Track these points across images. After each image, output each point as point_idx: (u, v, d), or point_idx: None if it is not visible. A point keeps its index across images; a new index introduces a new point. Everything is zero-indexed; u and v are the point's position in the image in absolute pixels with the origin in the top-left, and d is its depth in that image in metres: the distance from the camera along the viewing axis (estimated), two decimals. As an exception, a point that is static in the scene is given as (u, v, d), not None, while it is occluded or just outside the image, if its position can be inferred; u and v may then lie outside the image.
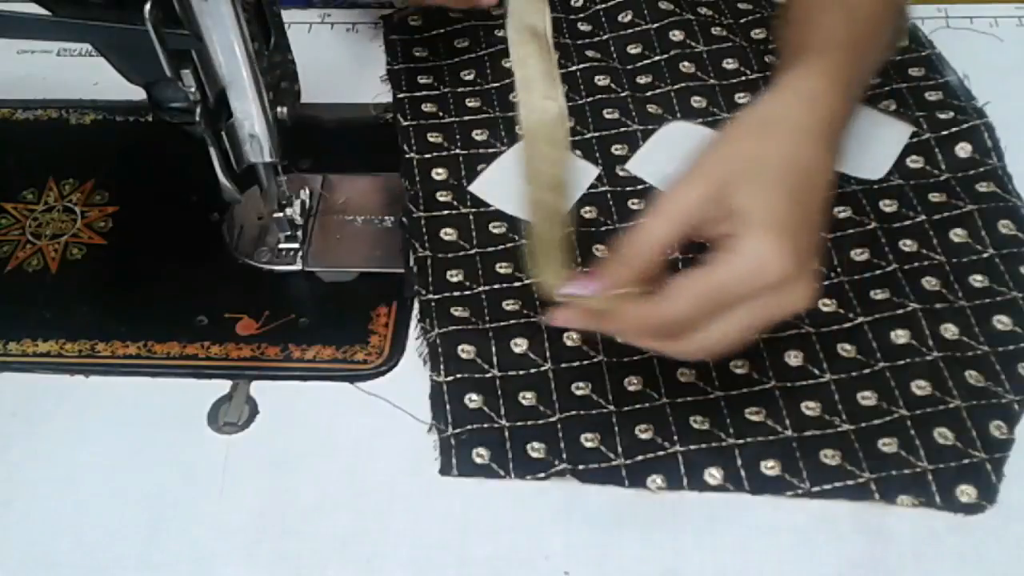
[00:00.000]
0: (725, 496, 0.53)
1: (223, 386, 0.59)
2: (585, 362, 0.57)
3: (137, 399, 0.58)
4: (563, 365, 0.57)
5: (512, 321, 0.59)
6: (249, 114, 0.56)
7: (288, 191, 0.63)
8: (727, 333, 0.46)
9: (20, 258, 0.65)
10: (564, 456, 0.54)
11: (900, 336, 0.57)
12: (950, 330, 0.57)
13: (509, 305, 0.60)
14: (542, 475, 0.54)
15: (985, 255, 0.60)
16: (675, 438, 0.54)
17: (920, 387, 0.55)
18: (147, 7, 0.48)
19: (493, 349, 0.58)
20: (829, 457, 0.53)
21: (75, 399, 0.58)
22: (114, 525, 0.54)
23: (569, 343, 0.58)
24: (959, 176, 0.64)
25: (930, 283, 0.59)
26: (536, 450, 0.54)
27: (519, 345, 0.58)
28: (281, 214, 0.63)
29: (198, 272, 0.64)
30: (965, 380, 0.55)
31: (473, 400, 0.56)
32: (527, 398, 0.56)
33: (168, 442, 0.56)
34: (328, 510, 0.54)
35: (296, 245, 0.64)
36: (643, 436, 0.54)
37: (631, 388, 0.56)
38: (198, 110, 0.53)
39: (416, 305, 0.61)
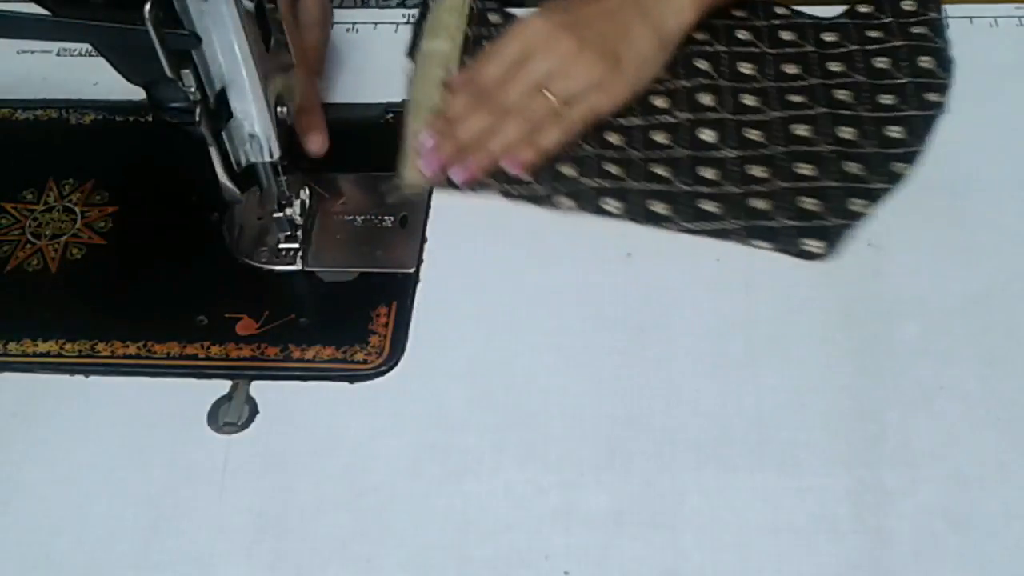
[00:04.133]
0: (725, 496, 0.53)
1: (223, 386, 0.59)
2: None
3: (137, 399, 0.58)
4: None
5: None
6: (249, 114, 0.56)
7: (288, 191, 0.63)
8: (532, 93, 0.65)
9: (20, 258, 0.65)
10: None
11: (801, 129, 0.67)
12: (847, 131, 0.67)
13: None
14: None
15: (901, 81, 0.69)
16: (597, 179, 0.65)
17: (803, 168, 0.65)
18: (147, 7, 0.48)
19: None
20: (709, 207, 0.64)
21: (75, 399, 0.58)
22: (114, 525, 0.54)
23: None
24: (900, 21, 0.73)
25: (842, 94, 0.69)
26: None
27: None
28: (281, 214, 0.63)
29: (198, 272, 0.64)
30: (844, 169, 0.65)
31: None
32: None
33: (168, 442, 0.56)
34: (328, 510, 0.54)
35: (296, 245, 0.64)
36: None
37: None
38: (198, 110, 0.53)
39: (416, 305, 0.61)
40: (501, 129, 0.65)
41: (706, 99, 0.69)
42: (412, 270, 0.63)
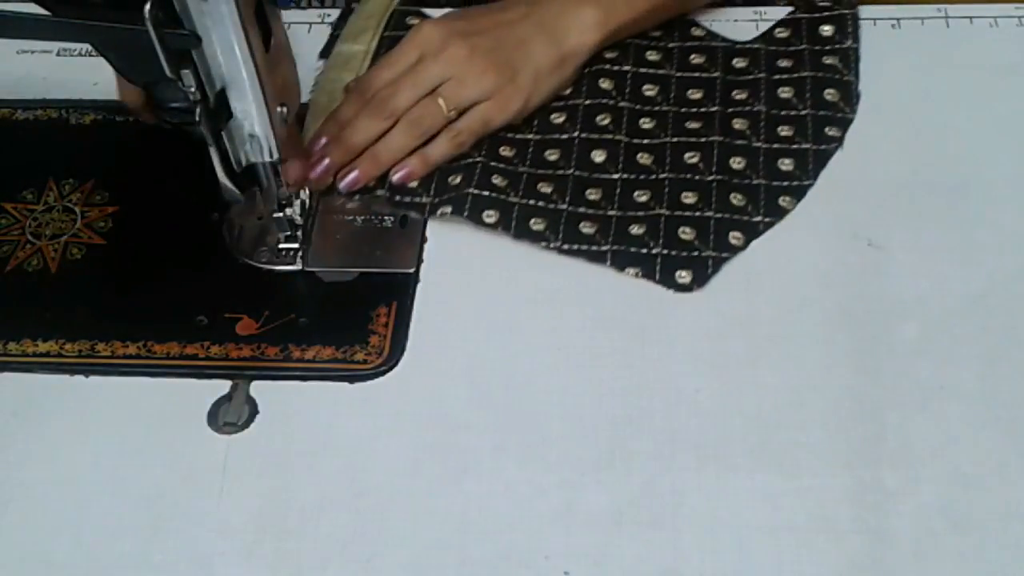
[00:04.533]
0: (725, 496, 0.53)
1: (223, 386, 0.59)
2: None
3: (137, 399, 0.58)
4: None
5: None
6: (249, 114, 0.56)
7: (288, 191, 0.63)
8: (421, 97, 0.64)
9: (20, 258, 0.65)
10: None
11: (691, 157, 0.66)
12: (737, 161, 0.65)
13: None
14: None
15: (802, 112, 0.68)
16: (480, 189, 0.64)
17: (687, 197, 0.64)
18: (147, 7, 0.48)
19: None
20: (587, 229, 0.63)
21: (75, 399, 0.58)
22: (114, 525, 0.54)
23: None
24: (815, 49, 0.71)
25: (740, 123, 0.67)
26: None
27: None
28: (281, 214, 0.63)
29: (198, 272, 0.64)
30: (729, 200, 0.64)
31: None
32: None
33: (168, 442, 0.56)
34: (328, 510, 0.54)
35: (296, 245, 0.64)
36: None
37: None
38: (198, 110, 0.53)
39: (416, 305, 0.61)
40: (390, 136, 0.65)
41: (603, 120, 0.68)
42: (412, 270, 0.63)
